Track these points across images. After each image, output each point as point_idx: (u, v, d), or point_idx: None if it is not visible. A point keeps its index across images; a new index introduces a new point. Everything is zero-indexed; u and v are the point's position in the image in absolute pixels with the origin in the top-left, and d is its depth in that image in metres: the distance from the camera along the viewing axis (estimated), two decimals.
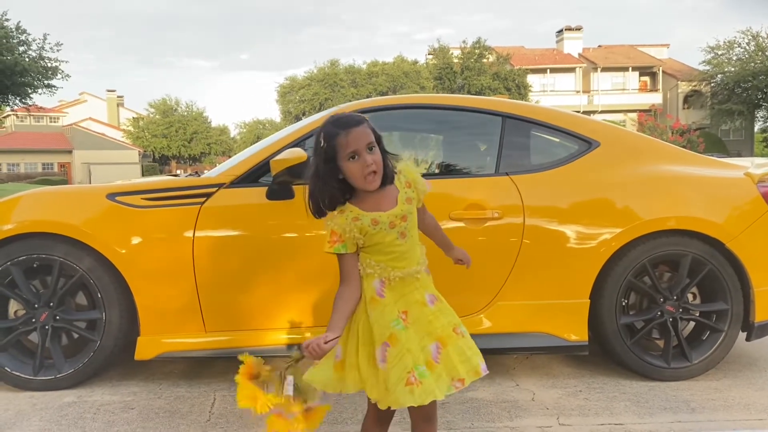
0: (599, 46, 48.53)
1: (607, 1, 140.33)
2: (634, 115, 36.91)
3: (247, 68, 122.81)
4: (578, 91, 45.05)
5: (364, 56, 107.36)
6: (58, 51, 27.68)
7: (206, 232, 2.88)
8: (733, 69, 39.97)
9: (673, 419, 2.57)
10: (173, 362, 3.35)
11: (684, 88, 44.04)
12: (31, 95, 27.48)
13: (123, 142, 48.07)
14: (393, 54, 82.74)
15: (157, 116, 50.14)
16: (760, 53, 39.23)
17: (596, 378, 3.06)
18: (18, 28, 26.12)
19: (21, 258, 2.94)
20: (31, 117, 46.07)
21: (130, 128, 50.15)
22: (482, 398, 2.80)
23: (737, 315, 3.00)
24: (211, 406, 2.77)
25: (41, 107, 35.18)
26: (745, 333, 3.07)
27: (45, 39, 26.86)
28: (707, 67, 41.44)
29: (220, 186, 2.95)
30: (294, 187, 2.87)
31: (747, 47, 39.90)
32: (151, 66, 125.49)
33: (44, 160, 44.35)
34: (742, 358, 3.36)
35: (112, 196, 2.94)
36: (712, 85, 42.16)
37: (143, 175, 36.09)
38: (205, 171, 3.65)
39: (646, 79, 46.46)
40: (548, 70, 45.02)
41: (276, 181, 2.81)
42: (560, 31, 48.43)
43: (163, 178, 3.53)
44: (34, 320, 2.98)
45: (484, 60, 41.55)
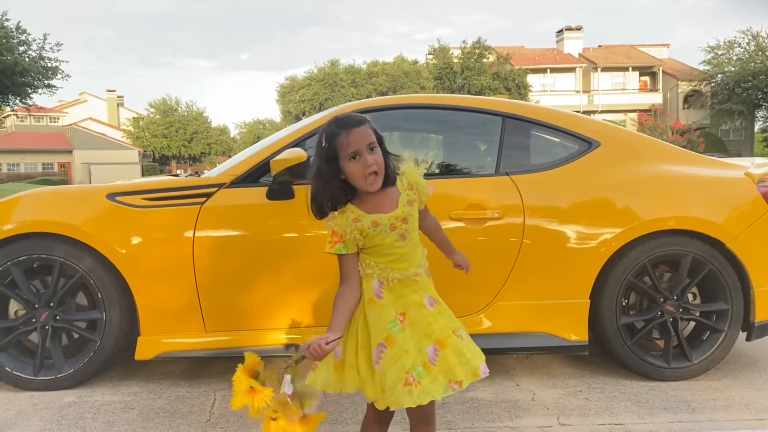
0: (599, 46, 48.53)
1: (607, 1, 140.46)
2: (634, 115, 36.93)
3: (247, 68, 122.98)
4: (578, 91, 45.05)
5: (364, 56, 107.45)
6: (58, 51, 27.74)
7: (206, 232, 2.88)
8: (733, 69, 39.97)
9: (674, 419, 2.57)
10: (173, 362, 3.35)
11: (684, 88, 44.04)
12: (31, 95, 27.49)
13: (123, 142, 48.07)
14: (393, 54, 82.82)
15: (157, 116, 50.16)
16: (760, 53, 39.23)
17: (596, 378, 3.07)
18: (18, 28, 26.14)
19: (21, 258, 2.94)
20: (31, 117, 46.09)
21: (130, 128, 50.17)
22: (482, 398, 2.80)
23: (737, 315, 3.00)
24: (212, 406, 2.77)
25: (41, 107, 35.19)
26: (746, 333, 3.07)
27: (45, 39, 26.92)
28: (707, 67, 41.45)
29: (221, 186, 2.96)
30: (294, 187, 2.87)
31: (747, 47, 39.91)
32: (151, 66, 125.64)
33: (44, 160, 44.36)
34: (743, 358, 3.36)
35: (112, 196, 2.94)
36: (712, 85, 42.17)
37: (143, 175, 36.09)
38: (205, 171, 3.65)
39: (646, 79, 46.45)
40: (548, 70, 45.01)
41: (276, 181, 2.81)
42: (560, 31, 48.42)
43: (164, 178, 3.53)
44: (34, 320, 2.98)
45: (484, 60, 41.55)
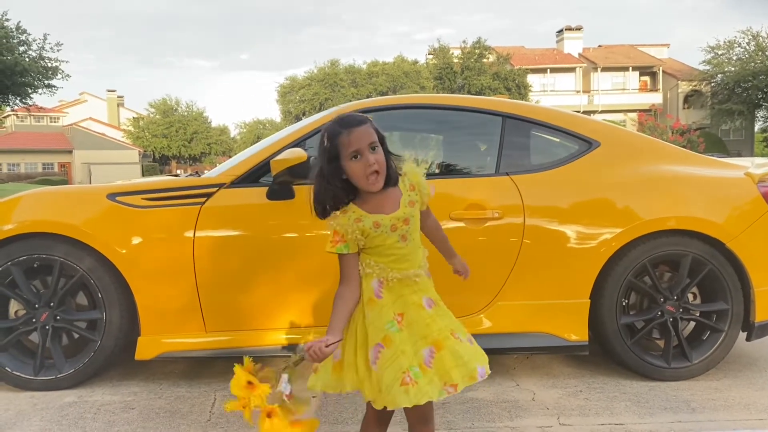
0: (599, 46, 48.52)
1: (607, 1, 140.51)
2: (634, 115, 36.93)
3: (247, 68, 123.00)
4: (578, 91, 45.04)
5: (364, 56, 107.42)
6: (58, 51, 27.74)
7: (207, 232, 2.88)
8: (733, 69, 39.97)
9: (674, 419, 2.57)
10: (174, 362, 3.35)
11: (684, 87, 44.03)
12: (32, 95, 27.50)
13: (123, 142, 48.07)
14: (393, 54, 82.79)
15: (157, 116, 50.16)
16: (760, 53, 39.22)
17: (596, 378, 3.07)
18: (18, 28, 26.16)
19: (21, 258, 2.94)
20: (32, 117, 46.09)
21: (131, 128, 50.16)
22: (483, 398, 2.80)
23: (737, 315, 3.00)
24: (212, 406, 2.77)
25: (41, 107, 35.19)
26: (746, 333, 3.07)
27: (45, 39, 26.92)
28: (707, 67, 41.43)
29: (221, 186, 2.96)
30: (294, 187, 2.87)
31: (747, 47, 39.89)
32: (151, 66, 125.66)
33: (44, 160, 44.36)
34: (743, 358, 3.36)
35: (112, 196, 2.94)
36: (713, 84, 42.16)
37: (143, 175, 36.09)
38: (206, 171, 3.65)
39: (647, 78, 46.44)
40: (548, 70, 45.00)
41: (276, 181, 2.82)
42: (560, 31, 48.41)
43: (164, 178, 3.53)
44: (34, 320, 2.98)
45: (484, 60, 41.53)
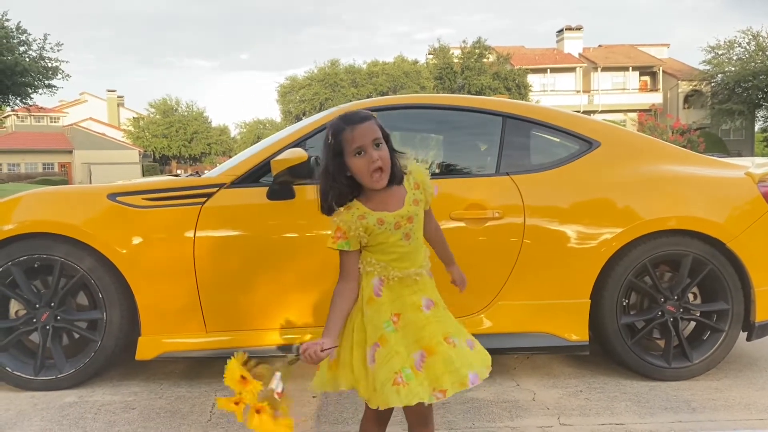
0: (599, 45, 48.50)
1: (607, 1, 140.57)
2: (634, 115, 36.96)
3: (247, 68, 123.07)
4: (578, 91, 45.03)
5: (365, 56, 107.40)
6: (58, 51, 27.74)
7: (207, 232, 2.88)
8: (733, 69, 39.95)
9: (674, 419, 2.57)
10: (174, 362, 3.35)
11: (684, 87, 44.02)
12: (32, 95, 27.50)
13: (123, 142, 48.08)
14: (393, 54, 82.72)
15: (157, 116, 50.17)
16: (760, 53, 39.20)
17: (597, 378, 3.07)
18: (18, 28, 26.16)
19: (22, 258, 2.94)
20: (32, 117, 46.03)
21: (131, 128, 50.18)
22: (483, 398, 2.80)
23: (738, 315, 3.00)
24: (212, 406, 2.77)
25: (41, 107, 35.15)
26: (746, 333, 3.07)
27: (45, 39, 26.92)
28: (707, 67, 41.42)
29: (221, 186, 2.96)
30: (295, 187, 2.87)
31: (747, 47, 39.88)
32: (151, 66, 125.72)
33: (45, 160, 44.37)
34: (743, 358, 3.36)
35: (112, 197, 2.94)
36: (713, 84, 42.14)
37: (144, 175, 36.09)
38: (206, 171, 3.65)
39: (647, 78, 46.43)
40: (548, 70, 44.98)
41: (277, 181, 2.82)
42: (560, 31, 48.39)
43: (164, 178, 3.53)
44: (35, 320, 2.98)
45: (485, 60, 41.53)
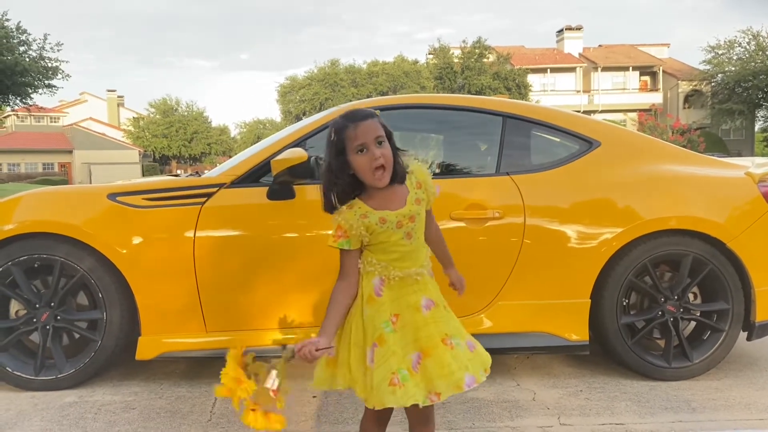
0: (599, 45, 48.50)
1: (607, 1, 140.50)
2: (634, 115, 36.95)
3: (247, 68, 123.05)
4: (578, 91, 45.03)
5: (365, 56, 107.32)
6: (58, 51, 27.71)
7: (207, 232, 2.88)
8: (733, 68, 39.95)
9: (674, 419, 2.57)
10: (174, 362, 3.35)
11: (684, 87, 44.02)
12: (32, 95, 27.49)
13: (123, 142, 48.07)
14: (393, 54, 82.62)
15: (157, 116, 50.17)
16: (760, 53, 39.20)
17: (597, 378, 3.07)
18: (18, 28, 26.14)
19: (22, 258, 2.94)
20: (32, 117, 46.00)
21: (131, 128, 50.17)
22: (483, 398, 2.80)
23: (738, 315, 3.00)
24: (212, 406, 2.77)
25: (42, 107, 35.14)
26: (746, 333, 3.07)
27: (45, 39, 26.90)
28: (708, 67, 41.42)
29: (221, 186, 2.96)
30: (295, 187, 2.87)
31: (747, 47, 39.88)
32: (151, 66, 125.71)
33: (45, 160, 44.36)
34: (743, 357, 3.36)
35: (113, 196, 2.94)
36: (713, 84, 42.14)
37: (144, 175, 36.10)
38: (206, 171, 3.65)
39: (647, 78, 46.42)
40: (548, 70, 44.98)
41: (277, 181, 2.82)
42: (560, 31, 48.38)
43: (164, 178, 3.53)
44: (35, 320, 2.98)
45: (485, 60, 41.52)
